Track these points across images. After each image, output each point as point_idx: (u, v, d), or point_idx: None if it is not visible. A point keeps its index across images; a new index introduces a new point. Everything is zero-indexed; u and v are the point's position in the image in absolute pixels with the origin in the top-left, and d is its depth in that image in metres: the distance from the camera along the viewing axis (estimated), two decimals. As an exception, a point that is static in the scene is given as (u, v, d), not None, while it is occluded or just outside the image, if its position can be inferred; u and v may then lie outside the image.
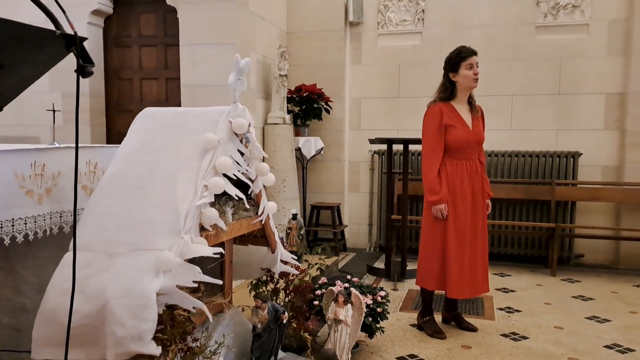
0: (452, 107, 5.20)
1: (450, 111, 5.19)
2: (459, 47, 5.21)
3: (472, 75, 5.10)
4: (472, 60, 5.09)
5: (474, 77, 5.11)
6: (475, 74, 5.11)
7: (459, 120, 5.17)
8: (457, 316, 5.42)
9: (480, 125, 5.29)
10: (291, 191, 8.19)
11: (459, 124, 5.16)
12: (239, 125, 3.70)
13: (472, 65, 5.09)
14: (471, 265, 5.13)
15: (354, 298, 4.16)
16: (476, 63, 5.11)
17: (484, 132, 5.32)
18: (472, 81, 5.12)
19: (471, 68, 5.09)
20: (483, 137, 5.32)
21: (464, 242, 5.12)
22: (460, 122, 5.16)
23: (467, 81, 5.12)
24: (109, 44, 8.59)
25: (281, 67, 8.16)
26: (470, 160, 5.22)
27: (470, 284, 5.15)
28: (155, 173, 3.54)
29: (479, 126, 5.26)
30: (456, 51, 5.18)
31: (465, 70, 5.10)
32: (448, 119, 5.15)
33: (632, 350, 4.81)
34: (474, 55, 5.12)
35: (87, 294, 3.03)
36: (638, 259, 7.95)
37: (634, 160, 7.85)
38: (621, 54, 7.95)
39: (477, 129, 5.23)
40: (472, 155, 5.24)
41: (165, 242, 3.18)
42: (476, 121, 5.25)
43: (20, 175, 3.55)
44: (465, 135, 5.14)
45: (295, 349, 4.53)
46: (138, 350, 2.89)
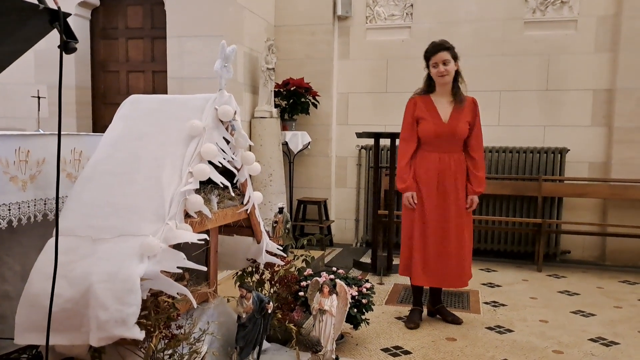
0: (430, 100, 5.20)
1: (426, 104, 5.20)
2: (430, 43, 5.18)
3: (436, 73, 5.09)
4: (436, 59, 5.05)
5: (438, 75, 5.09)
6: (439, 72, 5.07)
7: (432, 113, 5.16)
8: (440, 310, 5.43)
9: (462, 118, 5.13)
10: (278, 185, 8.17)
11: (431, 116, 5.16)
12: (225, 112, 3.69)
13: (436, 63, 5.05)
14: (439, 256, 5.14)
15: (339, 288, 4.14)
16: (442, 61, 5.02)
17: (466, 126, 5.15)
18: (439, 79, 5.11)
19: (436, 66, 5.06)
20: (461, 130, 5.13)
21: (427, 233, 5.17)
22: (433, 115, 5.15)
23: (435, 78, 5.13)
24: (96, 36, 8.54)
25: (269, 60, 8.13)
26: (443, 152, 5.17)
27: (436, 274, 5.17)
28: (141, 159, 3.52)
29: (458, 119, 5.12)
30: (426, 48, 5.18)
31: (431, 68, 5.11)
32: (420, 112, 5.20)
33: (617, 344, 4.81)
34: (438, 53, 5.05)
35: (71, 278, 3.02)
36: (624, 255, 7.98)
37: (620, 156, 7.88)
38: (609, 50, 7.97)
39: (453, 121, 5.11)
40: (447, 147, 5.17)
41: (149, 228, 3.17)
42: (456, 114, 5.13)
43: (5, 160, 3.52)
44: (434, 127, 5.13)
45: (280, 340, 4.52)
46: (121, 335, 2.88)
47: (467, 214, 5.29)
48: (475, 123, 5.19)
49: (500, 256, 8.35)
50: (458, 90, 5.15)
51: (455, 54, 5.09)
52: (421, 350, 4.60)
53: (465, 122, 5.13)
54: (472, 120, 5.16)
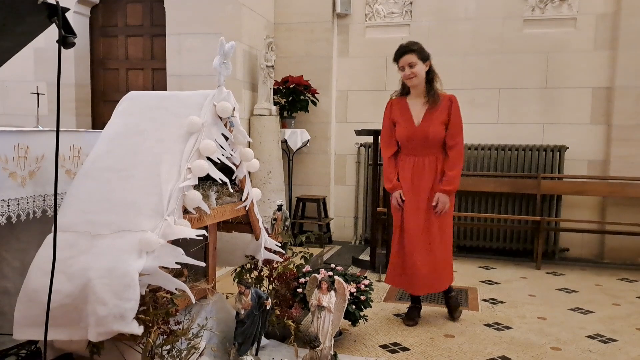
0: (405, 103, 5.18)
1: (401, 106, 5.20)
2: (398, 47, 5.13)
3: (403, 77, 5.08)
4: (401, 62, 5.02)
5: (405, 79, 5.07)
6: (405, 76, 5.05)
7: (405, 116, 5.14)
8: (447, 301, 5.42)
9: (435, 120, 5.02)
10: (277, 183, 8.18)
11: (404, 119, 5.14)
12: (223, 108, 3.69)
13: (403, 67, 5.02)
14: (410, 260, 5.08)
15: (338, 285, 4.14)
16: (408, 63, 4.96)
17: (440, 127, 5.01)
18: (407, 82, 5.09)
19: (403, 69, 5.04)
20: (433, 133, 5.01)
21: (404, 238, 5.13)
22: (406, 118, 5.14)
23: (404, 81, 5.13)
24: (95, 34, 8.54)
25: (268, 58, 8.14)
26: (417, 156, 5.13)
27: (406, 278, 5.15)
28: (139, 156, 3.53)
29: (430, 121, 5.02)
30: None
31: (400, 72, 5.09)
32: (395, 115, 5.23)
33: (615, 340, 4.82)
34: (403, 56, 5.00)
35: (70, 274, 3.03)
36: (623, 253, 7.98)
37: (619, 154, 7.88)
38: (608, 48, 7.97)
39: (425, 124, 5.03)
40: (421, 151, 5.11)
41: (148, 224, 3.18)
42: (429, 116, 5.04)
43: (4, 156, 3.53)
44: (406, 131, 5.12)
45: (278, 336, 4.54)
46: (120, 330, 2.89)
47: (444, 217, 5.13)
48: (452, 121, 5.04)
49: (498, 254, 8.35)
50: (431, 91, 5.06)
51: (424, 55, 5.02)
52: (419, 346, 4.61)
53: (439, 123, 5.02)
54: (447, 120, 5.03)
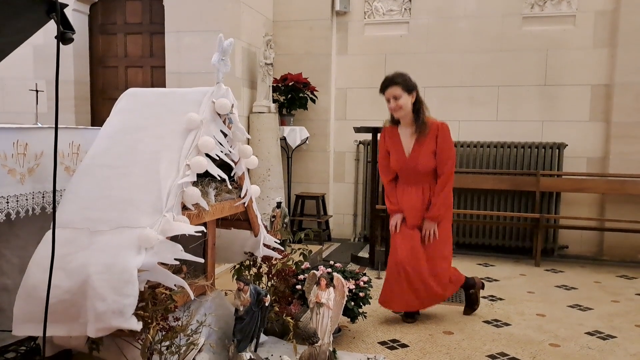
0: (396, 132, 5.21)
1: (393, 136, 5.22)
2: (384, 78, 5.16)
3: (389, 108, 5.11)
4: (387, 95, 5.06)
5: (392, 111, 5.09)
6: (390, 108, 5.08)
7: (397, 146, 5.17)
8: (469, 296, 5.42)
9: (424, 151, 5.03)
10: (276, 180, 8.18)
11: (395, 150, 5.18)
12: (222, 105, 3.70)
13: (388, 99, 5.05)
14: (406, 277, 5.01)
15: (337, 281, 4.14)
16: (392, 96, 5.00)
17: (429, 158, 5.02)
18: (394, 113, 5.11)
19: (388, 102, 5.06)
20: (423, 164, 5.03)
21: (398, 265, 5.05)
22: (397, 149, 5.17)
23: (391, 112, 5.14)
24: (94, 32, 8.54)
25: (267, 55, 8.14)
26: (409, 185, 5.18)
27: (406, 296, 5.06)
28: (138, 152, 3.53)
29: (419, 152, 5.04)
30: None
31: (386, 103, 5.11)
32: (388, 144, 5.27)
33: (614, 337, 4.83)
34: (387, 89, 5.05)
35: (69, 270, 3.03)
36: (622, 250, 7.99)
37: (618, 151, 7.88)
38: (607, 45, 7.97)
39: (415, 155, 5.05)
40: (412, 180, 5.15)
41: (147, 220, 3.18)
42: (418, 147, 5.04)
43: (2, 153, 3.54)
44: (397, 162, 5.16)
45: (277, 333, 4.54)
46: (119, 325, 2.89)
47: (438, 244, 5.11)
48: (439, 149, 5.01)
49: (498, 251, 8.37)
50: (419, 121, 5.04)
51: (409, 87, 5.03)
52: (418, 343, 4.62)
53: (428, 153, 5.02)
54: (435, 148, 5.02)
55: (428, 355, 4.36)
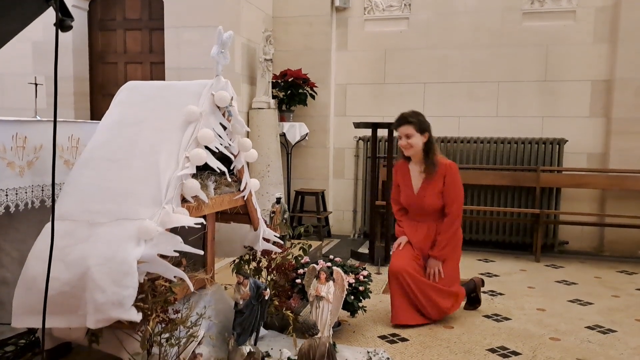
0: (407, 168, 5.21)
1: (403, 171, 5.23)
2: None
3: (399, 145, 5.10)
4: (399, 132, 5.05)
5: (402, 148, 5.08)
6: (401, 145, 5.06)
7: (406, 182, 5.19)
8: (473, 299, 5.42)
9: (431, 190, 5.02)
10: (275, 176, 8.17)
11: (404, 185, 5.20)
12: (221, 98, 3.69)
13: (400, 137, 5.05)
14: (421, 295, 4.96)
15: (336, 275, 4.14)
16: (405, 134, 4.99)
17: (436, 197, 5.01)
18: (404, 150, 5.09)
19: (400, 139, 5.05)
20: (429, 203, 5.04)
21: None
22: (406, 184, 5.19)
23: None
24: (94, 28, 8.54)
25: (266, 51, 8.13)
26: (417, 221, 5.19)
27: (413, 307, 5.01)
28: (137, 145, 3.53)
29: (426, 191, 5.04)
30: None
31: (398, 140, 5.11)
32: (399, 178, 5.30)
33: (614, 331, 4.82)
34: (400, 126, 5.03)
35: (68, 262, 3.03)
36: (622, 245, 7.98)
37: (619, 147, 7.87)
38: (607, 41, 7.96)
39: (422, 193, 5.06)
40: (419, 217, 5.16)
41: (146, 212, 3.18)
42: (426, 185, 5.05)
43: (2, 146, 3.54)
44: (406, 197, 5.19)
45: (277, 327, 4.54)
46: (118, 317, 2.89)
47: (445, 281, 5.03)
48: (446, 190, 5.00)
49: (498, 247, 8.35)
50: (428, 162, 5.04)
51: (423, 127, 5.00)
52: (418, 337, 4.61)
53: (435, 193, 5.02)
54: (443, 188, 5.01)
55: (428, 349, 4.35)
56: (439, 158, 5.04)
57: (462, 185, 5.09)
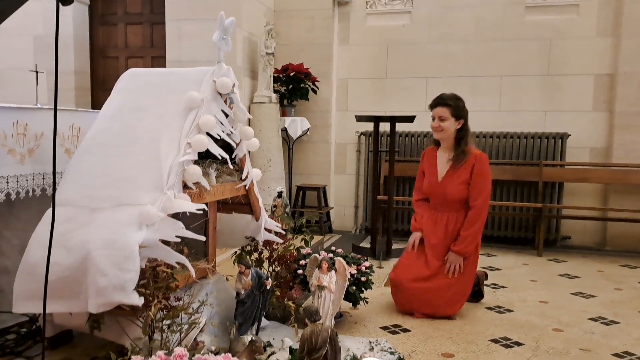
0: (434, 154, 5.13)
1: (430, 158, 5.15)
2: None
3: (431, 126, 5.00)
4: (433, 113, 4.95)
5: (433, 129, 4.99)
6: (432, 126, 4.97)
7: (431, 169, 5.10)
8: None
9: (456, 179, 4.92)
10: (277, 171, 8.15)
11: (429, 172, 5.11)
12: (223, 84, 3.67)
13: (434, 117, 4.95)
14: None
15: (338, 265, 4.13)
16: (439, 116, 4.90)
17: (460, 187, 4.90)
18: (434, 133, 5.02)
19: (433, 120, 4.96)
20: (452, 192, 4.92)
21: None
22: (431, 171, 5.09)
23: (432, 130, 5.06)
24: (95, 22, 8.53)
25: (268, 45, 8.11)
26: (437, 211, 5.08)
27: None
28: (139, 132, 3.52)
29: (451, 180, 4.94)
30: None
31: (431, 121, 5.01)
32: (425, 165, 5.20)
33: (617, 323, 4.80)
34: (436, 107, 4.93)
35: (69, 247, 3.02)
36: (625, 240, 7.96)
37: (622, 141, 7.85)
38: (611, 34, 7.93)
39: (446, 181, 4.96)
40: (441, 206, 5.05)
41: (148, 198, 3.17)
42: (451, 174, 4.95)
43: (2, 133, 3.52)
44: (429, 184, 5.09)
45: (279, 318, 4.52)
46: (120, 301, 2.87)
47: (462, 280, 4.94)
48: (473, 182, 4.88)
49: (500, 242, 8.34)
50: (458, 150, 4.95)
51: (459, 113, 4.92)
52: (420, 328, 4.59)
53: (460, 182, 4.91)
54: (469, 179, 4.89)
55: (430, 339, 4.33)
56: (470, 148, 4.96)
57: (490, 178, 4.98)
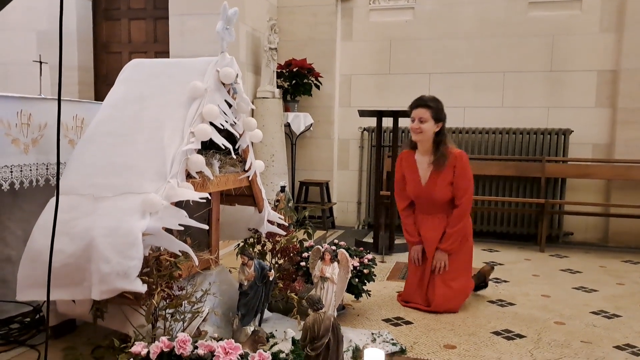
0: (413, 159, 5.11)
1: (409, 162, 5.13)
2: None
3: (410, 127, 4.98)
4: (413, 114, 4.92)
5: (411, 131, 4.98)
6: (412, 127, 4.95)
7: (413, 174, 5.08)
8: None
9: (440, 182, 4.92)
10: (280, 166, 8.15)
11: (411, 177, 5.09)
12: (226, 74, 3.68)
13: (413, 118, 4.92)
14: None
15: (341, 256, 4.13)
16: (419, 117, 4.87)
17: (446, 189, 4.92)
18: (412, 134, 4.99)
19: (413, 121, 4.94)
20: (439, 194, 4.94)
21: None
22: (413, 175, 5.08)
23: (411, 132, 5.03)
24: (98, 17, 8.55)
25: (271, 40, 8.10)
26: (425, 214, 5.10)
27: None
28: (142, 121, 3.53)
29: (435, 182, 4.94)
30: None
31: (410, 122, 4.99)
32: (404, 169, 5.17)
33: (619, 316, 4.81)
34: (416, 108, 4.92)
35: (73, 234, 3.03)
36: (627, 236, 7.96)
37: (624, 137, 7.85)
38: (614, 30, 7.93)
39: (431, 184, 4.96)
40: (428, 209, 5.07)
41: (151, 186, 3.18)
42: (435, 176, 4.95)
43: (6, 122, 3.53)
44: (413, 189, 5.08)
45: (282, 310, 4.52)
46: (123, 287, 2.88)
47: (457, 272, 5.00)
48: (456, 182, 4.91)
49: (502, 238, 8.34)
50: (438, 154, 4.94)
51: (439, 116, 4.93)
52: (422, 320, 4.60)
53: (445, 184, 4.93)
54: (452, 179, 4.92)
55: (432, 331, 4.34)
56: (449, 148, 4.95)
57: (472, 176, 5.00)
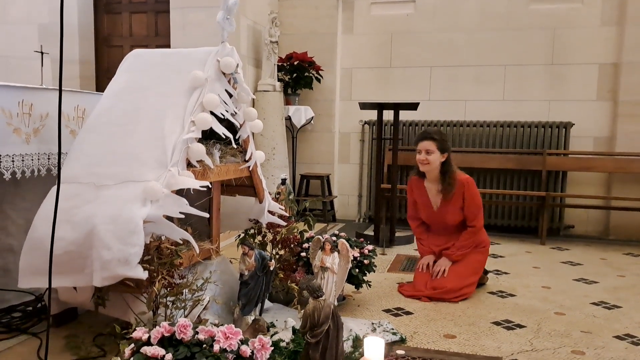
0: (422, 186, 5.24)
1: (420, 189, 5.27)
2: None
3: (417, 160, 5.10)
4: (420, 146, 5.05)
5: (419, 163, 5.09)
6: (419, 159, 5.07)
7: (424, 199, 5.24)
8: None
9: (451, 208, 5.10)
10: (281, 159, 8.16)
11: (423, 202, 5.26)
12: (227, 64, 3.69)
13: (420, 151, 5.05)
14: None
15: (341, 246, 4.14)
16: (425, 149, 5.00)
17: (457, 213, 5.11)
18: (420, 166, 5.11)
19: (419, 153, 5.06)
20: (451, 219, 5.16)
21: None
22: (424, 201, 5.25)
23: (418, 164, 5.14)
24: (100, 11, 8.55)
25: (272, 33, 8.10)
26: (439, 235, 5.28)
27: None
28: (143, 110, 3.55)
29: (446, 208, 5.12)
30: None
31: (416, 154, 5.10)
32: (416, 195, 5.33)
33: (619, 307, 4.81)
34: (422, 141, 5.03)
35: (74, 222, 3.05)
36: (628, 229, 7.96)
37: (625, 130, 7.85)
38: (615, 24, 7.92)
39: (443, 210, 5.14)
40: (442, 232, 5.26)
41: (152, 175, 3.19)
42: (445, 203, 5.12)
43: (8, 111, 3.54)
44: (426, 214, 5.28)
45: (282, 301, 4.53)
46: (125, 274, 2.89)
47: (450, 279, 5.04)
48: (466, 207, 5.09)
49: (503, 230, 8.34)
50: (445, 183, 5.07)
51: (444, 147, 5.03)
52: (423, 311, 4.61)
53: (456, 210, 5.11)
54: (462, 204, 5.09)
55: (433, 321, 4.35)
56: (456, 174, 5.08)
57: (480, 199, 5.18)
